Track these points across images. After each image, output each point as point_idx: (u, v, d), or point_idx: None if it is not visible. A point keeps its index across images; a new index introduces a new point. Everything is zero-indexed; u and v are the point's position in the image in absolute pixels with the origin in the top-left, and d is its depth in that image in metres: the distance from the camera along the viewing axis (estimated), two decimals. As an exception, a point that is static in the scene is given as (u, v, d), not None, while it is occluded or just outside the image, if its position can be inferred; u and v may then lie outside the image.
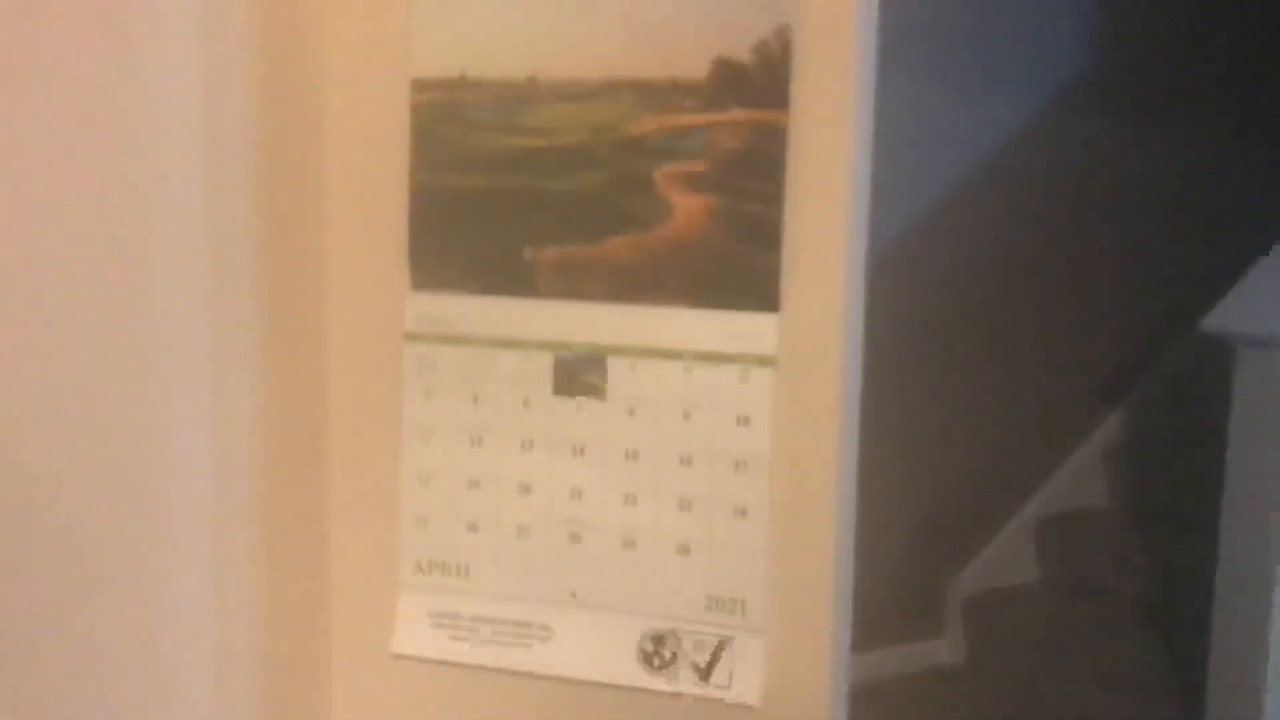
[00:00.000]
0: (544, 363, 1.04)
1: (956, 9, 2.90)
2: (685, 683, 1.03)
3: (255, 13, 1.02)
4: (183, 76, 0.97)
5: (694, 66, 0.98)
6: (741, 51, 0.97)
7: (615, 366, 1.03)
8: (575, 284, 1.03)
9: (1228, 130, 3.33)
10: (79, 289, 0.94)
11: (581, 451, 1.04)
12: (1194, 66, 3.28)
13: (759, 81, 0.96)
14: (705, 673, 1.03)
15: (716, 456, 1.01)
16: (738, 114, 0.97)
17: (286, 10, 1.05)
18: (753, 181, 0.97)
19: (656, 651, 1.04)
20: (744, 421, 1.00)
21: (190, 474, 1.01)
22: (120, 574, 0.98)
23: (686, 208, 0.99)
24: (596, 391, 1.03)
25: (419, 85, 1.04)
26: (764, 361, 1.00)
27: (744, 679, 1.02)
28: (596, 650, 1.05)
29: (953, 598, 3.24)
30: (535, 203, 1.03)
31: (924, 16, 2.80)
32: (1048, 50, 3.11)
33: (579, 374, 1.03)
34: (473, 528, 1.06)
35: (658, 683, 1.03)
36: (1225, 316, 2.32)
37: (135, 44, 0.95)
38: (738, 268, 0.99)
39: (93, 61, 0.92)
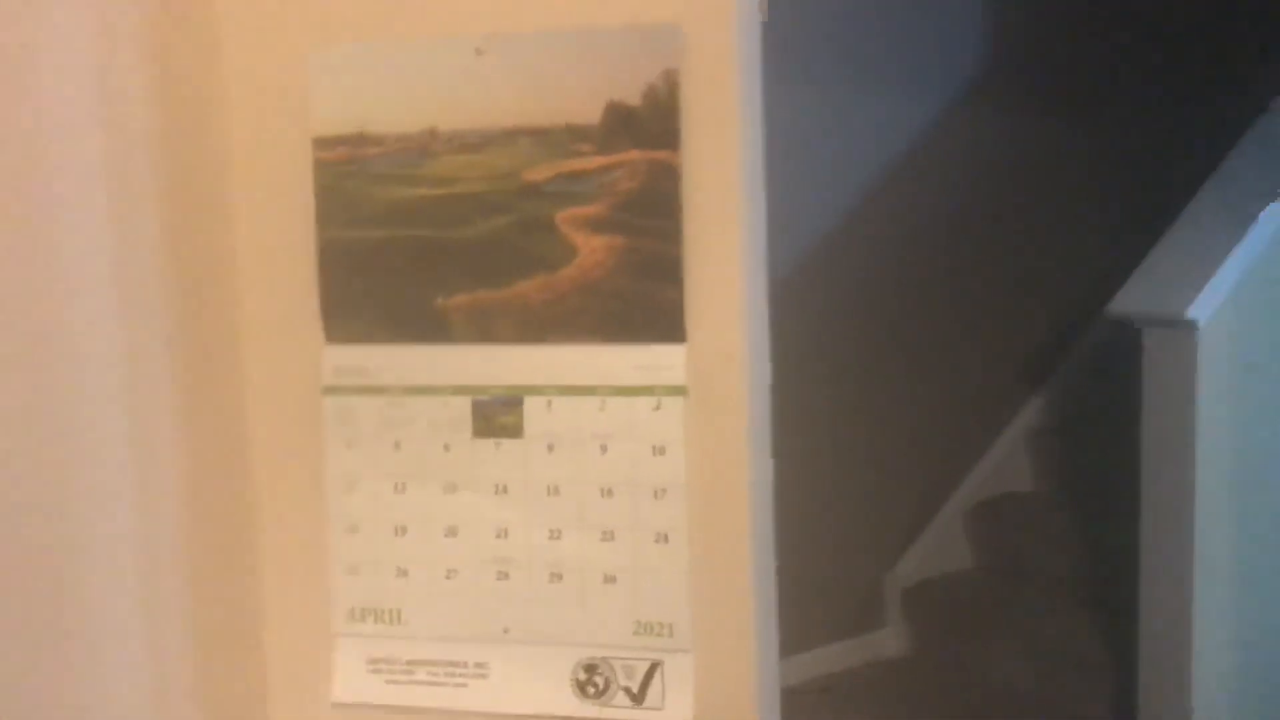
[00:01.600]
0: (462, 406, 1.06)
1: (851, 16, 2.97)
2: (619, 708, 1.06)
3: (154, 79, 1.03)
4: (84, 148, 0.98)
5: (587, 112, 1.01)
6: (633, 96, 1.00)
7: (532, 405, 1.05)
8: (487, 328, 1.05)
9: (1126, 116, 3.44)
10: (-9, 368, 0.94)
11: (504, 490, 1.06)
12: (1089, 55, 3.38)
13: (650, 124, 1.00)
14: (638, 696, 1.06)
15: (636, 486, 1.04)
16: (632, 155, 1.00)
17: (186, 76, 1.06)
18: (651, 219, 1.01)
19: (590, 680, 1.07)
20: (660, 450, 1.04)
21: (114, 538, 1.02)
22: (46, 639, 0.98)
23: (590, 248, 1.02)
24: (515, 431, 1.06)
25: (320, 143, 1.06)
26: (675, 391, 1.03)
27: (676, 699, 1.05)
28: (532, 684, 1.07)
29: (892, 589, 3.30)
30: (442, 251, 1.05)
31: (821, 25, 2.86)
32: (945, 51, 3.19)
33: (497, 415, 1.06)
34: (402, 573, 1.09)
35: (592, 710, 1.06)
36: (1129, 299, 2.41)
37: (33, 107, 0.96)
38: (643, 303, 1.02)
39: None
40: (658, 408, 1.03)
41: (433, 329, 1.06)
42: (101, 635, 1.01)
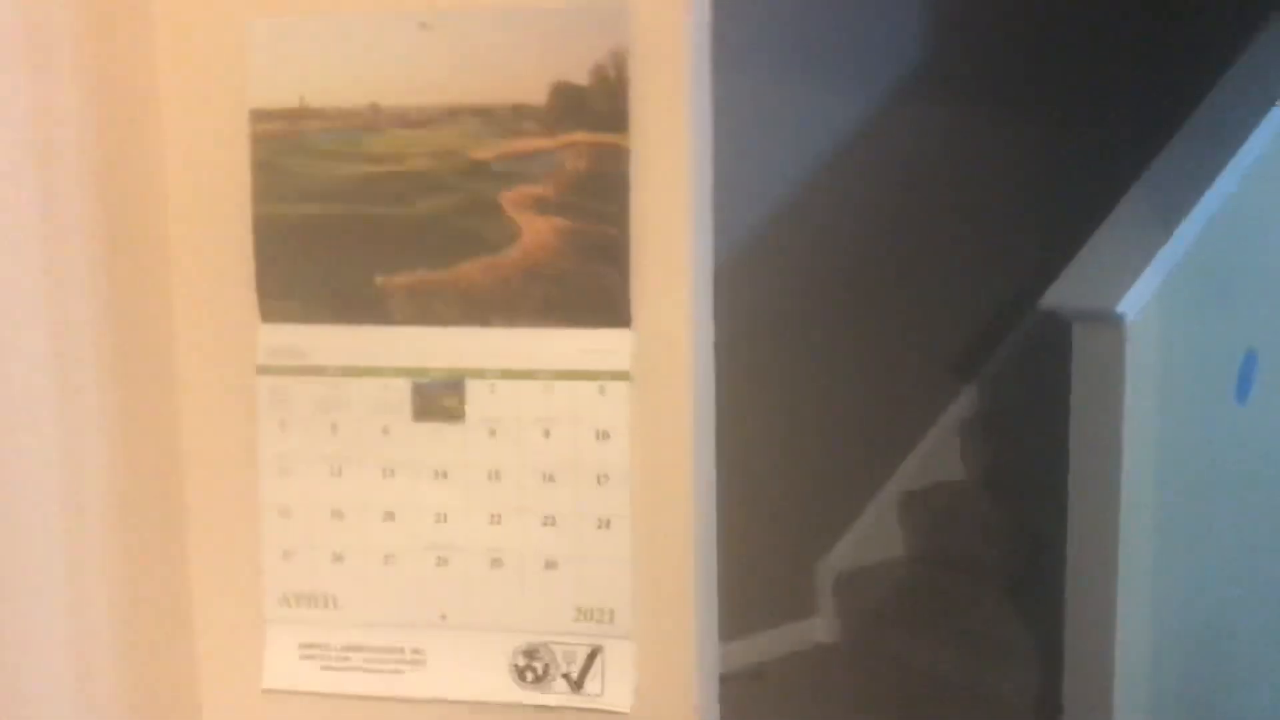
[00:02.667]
0: (402, 389, 1.04)
1: (789, 7, 2.98)
2: (558, 694, 1.05)
3: (83, 45, 0.99)
4: (7, 117, 0.94)
5: (534, 91, 0.99)
6: (580, 75, 0.98)
7: (474, 389, 1.04)
8: (428, 309, 1.03)
9: (1060, 115, 3.49)
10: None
11: (444, 475, 1.04)
12: (1026, 54, 3.43)
13: (598, 105, 0.98)
14: (577, 683, 1.05)
15: (578, 471, 1.03)
16: (579, 136, 0.99)
17: (117, 42, 1.03)
18: (598, 202, 0.99)
19: (529, 666, 1.05)
20: (603, 436, 1.02)
21: (39, 515, 0.98)
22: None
23: (535, 229, 1.01)
24: (456, 415, 1.04)
25: (257, 115, 1.03)
26: (619, 376, 1.02)
27: (615, 686, 1.04)
28: (470, 670, 1.06)
29: (823, 577, 3.33)
30: (383, 229, 1.03)
31: (763, 17, 2.86)
32: (884, 45, 3.21)
33: (438, 398, 1.04)
34: (338, 558, 1.06)
35: (531, 696, 1.05)
36: (1060, 293, 2.44)
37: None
38: (588, 286, 1.01)
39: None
40: (602, 392, 1.02)
41: (372, 309, 1.04)
42: (23, 619, 0.97)
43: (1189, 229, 2.41)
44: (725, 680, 1.11)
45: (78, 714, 1.01)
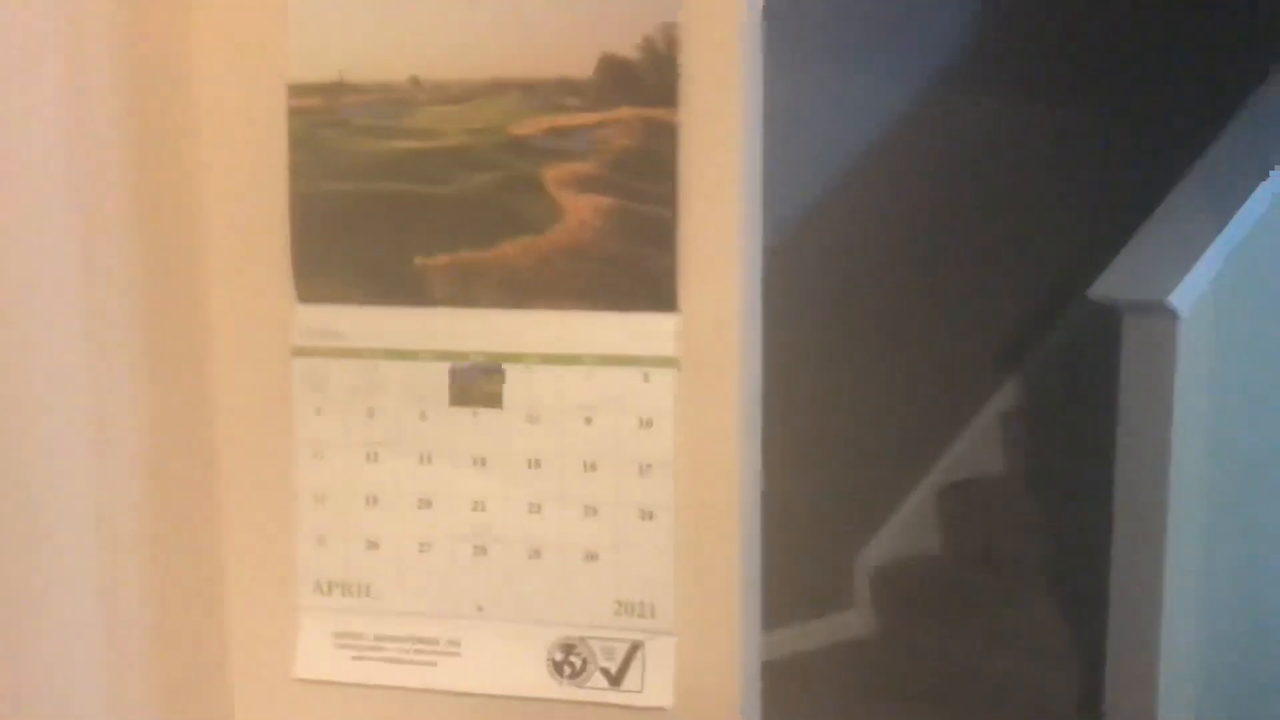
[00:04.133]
0: (439, 373, 1.01)
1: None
2: (596, 690, 1.02)
3: (120, 19, 0.97)
4: (46, 94, 0.92)
5: (580, 64, 0.96)
6: (628, 48, 0.95)
7: (513, 374, 1.00)
8: (468, 291, 1.00)
9: (1109, 102, 3.42)
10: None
11: (482, 462, 1.01)
12: (1076, 39, 3.36)
13: (647, 79, 0.94)
14: (616, 678, 1.02)
15: (620, 460, 1.00)
16: (626, 112, 0.95)
17: (154, 16, 1.00)
18: (645, 181, 0.96)
19: (566, 660, 1.02)
20: (646, 424, 0.99)
21: (72, 499, 0.96)
22: (0, 609, 0.93)
23: (578, 209, 0.97)
24: (495, 400, 1.01)
25: (295, 90, 1.00)
26: (664, 362, 0.98)
27: (656, 682, 1.01)
28: (506, 663, 1.03)
29: (861, 571, 3.29)
30: (422, 208, 1.00)
31: (806, 2, 2.82)
32: (933, 29, 3.15)
33: (476, 383, 1.01)
34: (373, 545, 1.04)
35: (569, 692, 1.02)
36: (1110, 283, 2.38)
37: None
38: (633, 269, 0.97)
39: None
40: (646, 379, 0.99)
41: (411, 290, 1.01)
42: (57, 606, 0.95)
43: (1244, 219, 2.34)
44: (761, 671, 1.08)
45: (110, 701, 0.99)
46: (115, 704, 1.00)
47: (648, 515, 1.00)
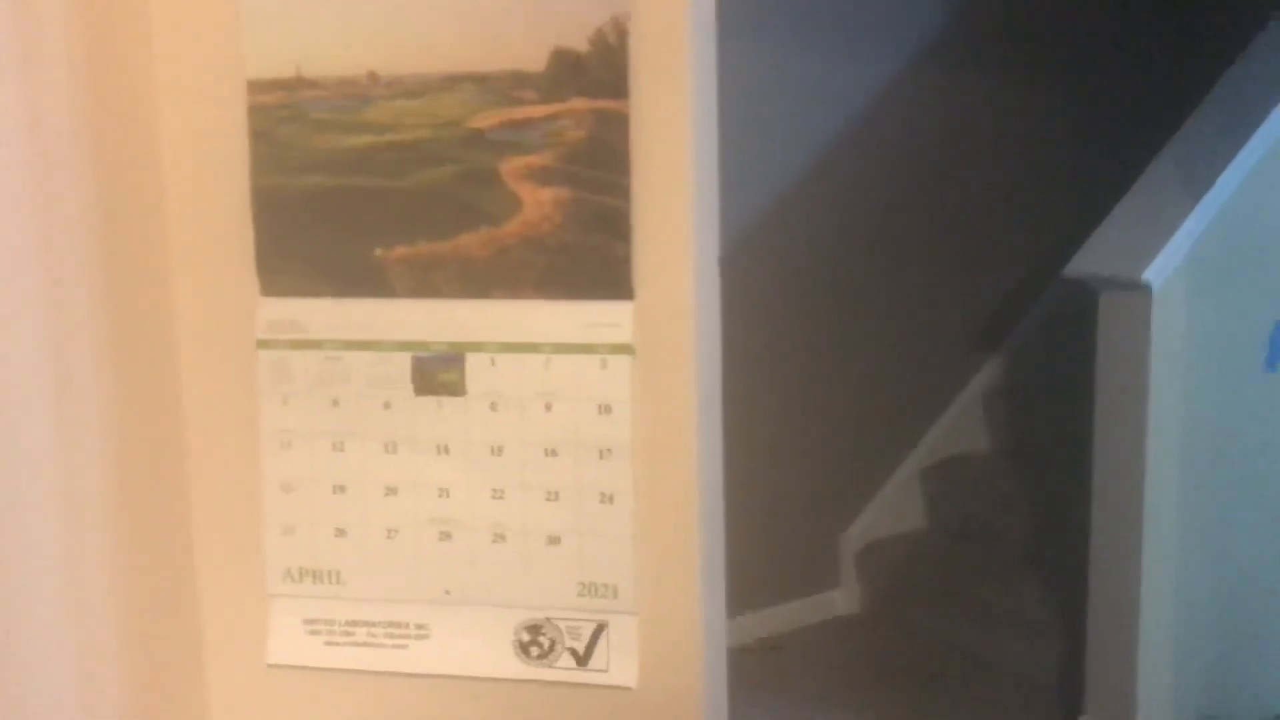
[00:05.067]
0: (402, 363, 1.03)
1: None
2: (564, 670, 1.04)
3: (75, 15, 0.98)
4: (4, 95, 0.93)
5: (533, 58, 0.97)
6: (580, 41, 0.96)
7: (474, 362, 1.02)
8: (429, 282, 1.02)
9: (1084, 81, 3.42)
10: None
11: (446, 450, 1.03)
12: (1050, 18, 3.36)
13: (598, 71, 0.96)
14: (583, 658, 1.04)
15: (581, 446, 1.02)
16: (579, 103, 0.97)
17: (110, 12, 1.01)
18: (599, 172, 0.97)
19: (534, 641, 1.04)
20: (605, 410, 1.01)
21: (39, 492, 0.98)
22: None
23: (535, 200, 0.99)
24: (457, 389, 1.03)
25: (255, 86, 1.02)
26: (621, 349, 1.00)
27: (621, 661, 1.03)
28: (474, 645, 1.05)
29: (846, 549, 3.31)
30: (382, 201, 1.01)
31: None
32: (903, 9, 3.16)
33: (438, 372, 1.03)
34: (341, 533, 1.06)
35: (536, 672, 1.04)
36: (1085, 262, 2.40)
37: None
38: (590, 258, 0.99)
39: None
40: (604, 366, 1.00)
41: (372, 282, 1.02)
42: (25, 597, 0.97)
43: (1217, 195, 2.36)
44: (744, 652, 1.10)
45: (83, 690, 1.01)
46: (88, 693, 1.02)
47: (608, 499, 1.02)
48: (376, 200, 1.01)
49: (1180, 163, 2.48)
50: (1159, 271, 2.29)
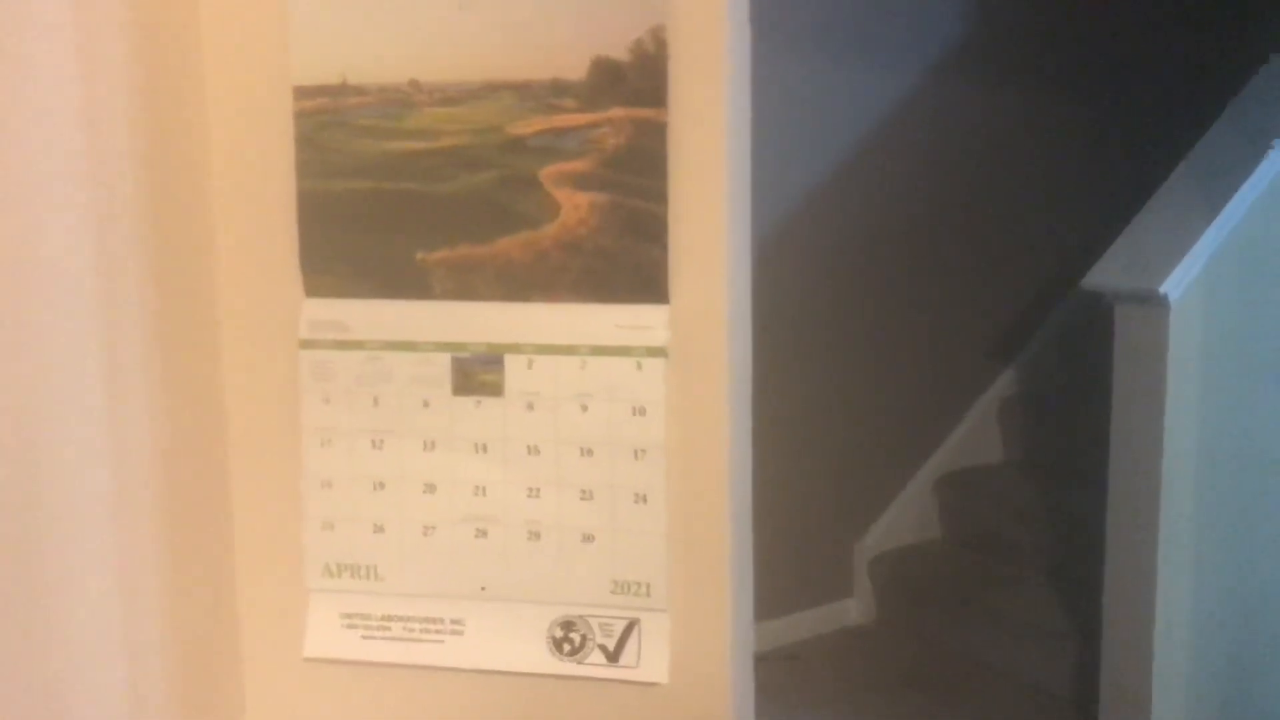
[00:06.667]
0: (442, 363, 1.06)
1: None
2: (595, 666, 1.06)
3: (130, 27, 1.01)
4: (60, 100, 0.96)
5: (573, 66, 1.00)
6: (619, 50, 0.99)
7: (512, 364, 1.05)
8: (468, 284, 1.04)
9: (1103, 93, 3.44)
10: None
11: (484, 449, 1.06)
12: (1069, 32, 3.38)
13: (637, 80, 0.99)
14: (614, 654, 1.06)
15: (615, 446, 1.04)
16: (618, 112, 0.99)
17: (163, 22, 1.04)
18: (636, 177, 1.00)
19: (566, 637, 1.07)
20: (640, 411, 1.03)
21: (88, 488, 1.00)
22: (16, 597, 0.97)
23: (574, 205, 1.02)
24: (495, 389, 1.05)
25: (300, 92, 1.05)
26: (656, 352, 1.02)
27: (651, 658, 1.05)
28: (508, 640, 1.07)
29: (860, 558, 3.32)
30: (424, 205, 1.04)
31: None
32: (925, 22, 3.18)
33: (477, 373, 1.05)
34: (379, 529, 1.08)
35: (568, 668, 1.06)
36: (1103, 273, 2.41)
37: (8, 57, 0.93)
38: (626, 262, 1.01)
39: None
40: (639, 368, 1.03)
41: (413, 284, 1.05)
42: (71, 591, 1.00)
43: (1235, 209, 2.37)
44: (759, 660, 1.12)
45: (128, 681, 1.04)
46: (133, 684, 1.04)
47: (641, 498, 1.04)
48: (418, 204, 1.04)
49: (1199, 175, 2.49)
50: (1176, 284, 2.30)
